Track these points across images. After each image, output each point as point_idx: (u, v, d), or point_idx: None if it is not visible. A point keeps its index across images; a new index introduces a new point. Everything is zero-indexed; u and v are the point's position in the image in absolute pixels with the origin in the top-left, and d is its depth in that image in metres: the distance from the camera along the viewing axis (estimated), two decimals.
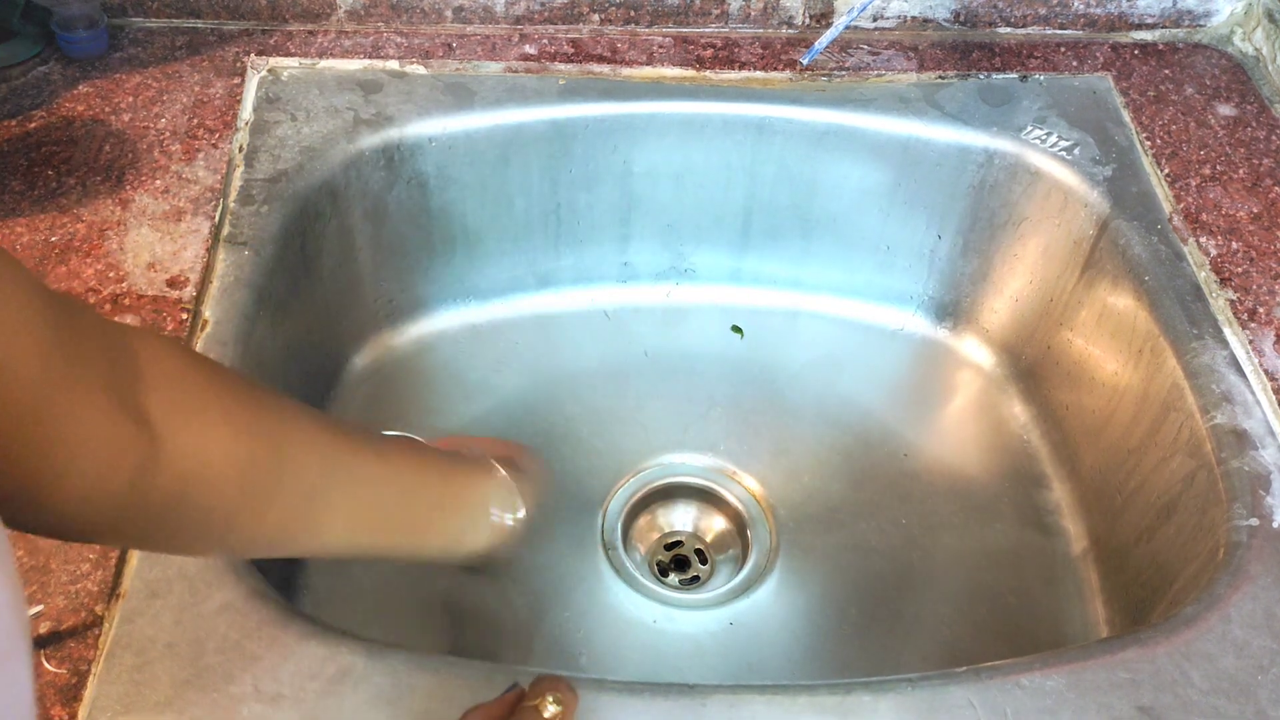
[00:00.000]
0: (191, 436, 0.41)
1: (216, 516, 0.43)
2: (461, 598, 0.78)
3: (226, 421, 0.42)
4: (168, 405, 0.40)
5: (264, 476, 0.44)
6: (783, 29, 0.94)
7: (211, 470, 0.42)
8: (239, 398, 0.44)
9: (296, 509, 0.48)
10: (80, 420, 0.36)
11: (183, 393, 0.41)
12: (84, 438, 0.36)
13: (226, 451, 0.42)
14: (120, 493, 0.38)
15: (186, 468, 0.40)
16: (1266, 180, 0.84)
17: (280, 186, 0.78)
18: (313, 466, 0.48)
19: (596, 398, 0.92)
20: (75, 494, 0.37)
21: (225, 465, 0.42)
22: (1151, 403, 0.75)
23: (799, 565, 0.83)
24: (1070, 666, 0.56)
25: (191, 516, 0.42)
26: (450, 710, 0.52)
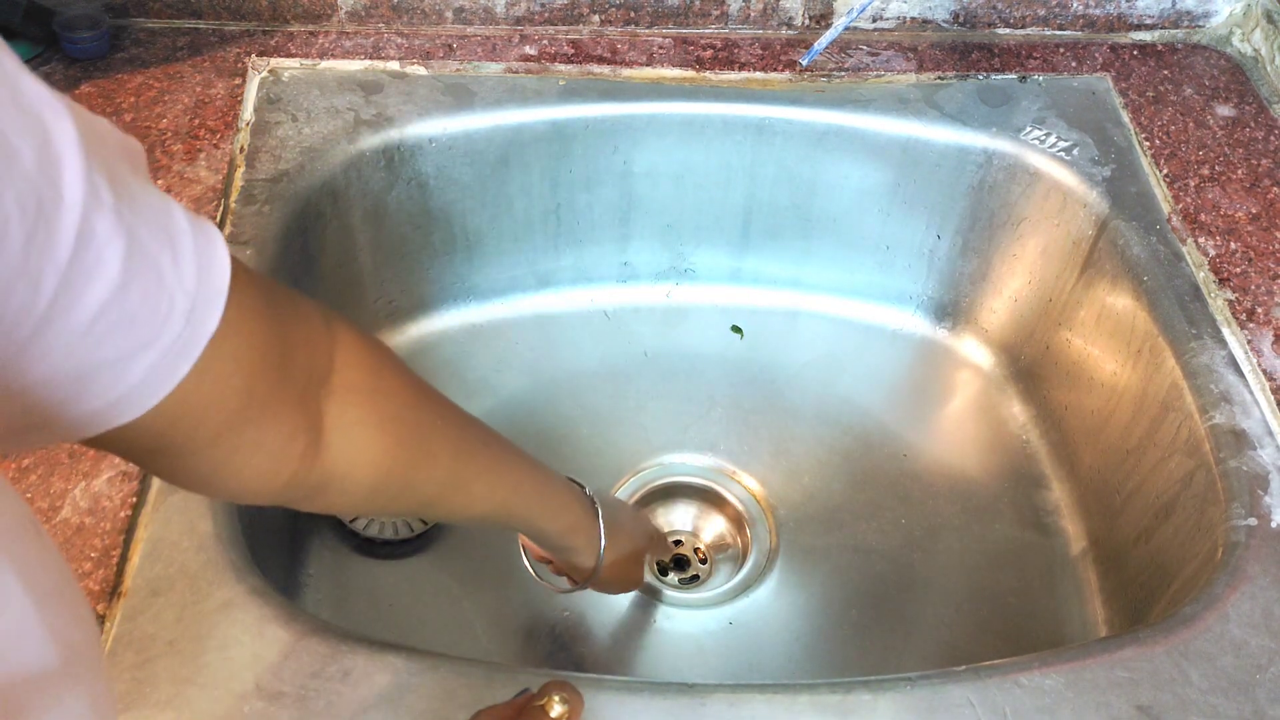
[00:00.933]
0: (349, 445, 0.43)
1: (350, 501, 0.47)
2: (462, 598, 0.79)
3: (383, 434, 0.45)
4: (339, 415, 0.43)
5: (402, 480, 0.48)
6: (782, 30, 0.95)
7: (355, 473, 0.45)
8: (405, 416, 0.47)
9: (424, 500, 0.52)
10: (266, 437, 0.39)
11: (356, 404, 0.44)
12: (265, 449, 0.39)
13: (374, 460, 0.45)
14: (277, 488, 0.42)
15: (335, 471, 0.43)
16: (1265, 181, 0.84)
17: (281, 187, 0.78)
18: (447, 470, 0.51)
19: (596, 397, 0.92)
20: (239, 491, 0.41)
21: (368, 471, 0.45)
22: (1150, 403, 0.75)
23: (798, 565, 0.83)
24: (1069, 666, 0.56)
25: (329, 503, 0.46)
26: (450, 709, 0.53)
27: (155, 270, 0.30)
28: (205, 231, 0.33)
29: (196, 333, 0.32)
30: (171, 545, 0.58)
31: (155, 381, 0.32)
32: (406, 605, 0.77)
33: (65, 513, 0.60)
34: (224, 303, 0.33)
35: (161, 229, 0.31)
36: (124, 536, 0.59)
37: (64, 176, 0.27)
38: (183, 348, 0.32)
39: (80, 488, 0.61)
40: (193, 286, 0.32)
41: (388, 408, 0.46)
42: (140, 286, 0.30)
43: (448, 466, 0.51)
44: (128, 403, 0.32)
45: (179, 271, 0.31)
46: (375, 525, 0.80)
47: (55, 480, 0.61)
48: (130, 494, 0.60)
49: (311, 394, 0.41)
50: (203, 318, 0.33)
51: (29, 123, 0.27)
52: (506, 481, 0.57)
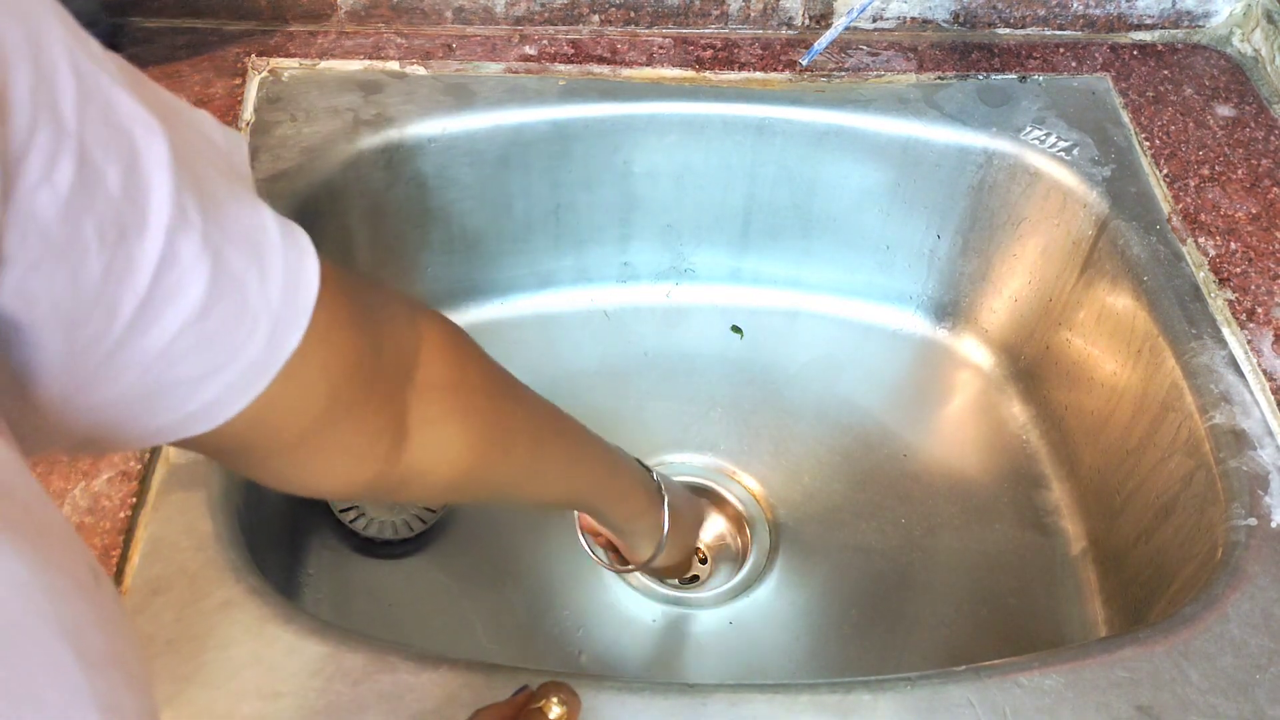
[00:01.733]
0: (432, 442, 0.43)
1: (430, 494, 0.48)
2: (462, 598, 0.78)
3: (466, 429, 0.45)
4: (423, 412, 0.42)
5: (482, 472, 0.48)
6: (782, 30, 0.95)
7: (438, 468, 0.45)
8: (486, 410, 0.47)
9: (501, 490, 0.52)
10: (351, 439, 0.39)
11: (441, 400, 0.43)
12: (350, 450, 0.39)
13: (456, 455, 0.45)
14: (362, 486, 0.42)
15: (419, 467, 0.43)
16: (1265, 181, 0.84)
17: (281, 186, 0.78)
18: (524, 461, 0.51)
19: (596, 398, 0.92)
20: (324, 489, 0.41)
21: (451, 466, 0.45)
22: (1150, 403, 0.75)
23: (798, 565, 0.83)
24: (1069, 665, 0.56)
25: (410, 495, 0.46)
26: (450, 709, 0.53)
27: (240, 293, 0.29)
28: (297, 244, 0.32)
29: (276, 352, 0.32)
30: (171, 545, 0.58)
31: (229, 399, 0.31)
32: (406, 605, 0.77)
33: (65, 512, 0.59)
34: (308, 321, 0.32)
35: (251, 247, 0.30)
36: (124, 536, 0.59)
37: (150, 201, 0.26)
38: (261, 367, 0.31)
39: (80, 488, 0.61)
40: (278, 306, 0.31)
41: (471, 401, 0.46)
42: (222, 310, 0.29)
43: (526, 457, 0.51)
44: (197, 419, 0.31)
45: (265, 292, 0.30)
46: (375, 525, 0.80)
47: (55, 480, 0.61)
48: (130, 494, 0.60)
49: (397, 393, 0.41)
50: (284, 338, 0.32)
51: (119, 142, 0.26)
52: (580, 469, 0.57)
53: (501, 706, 0.48)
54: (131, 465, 0.61)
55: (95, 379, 0.27)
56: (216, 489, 0.61)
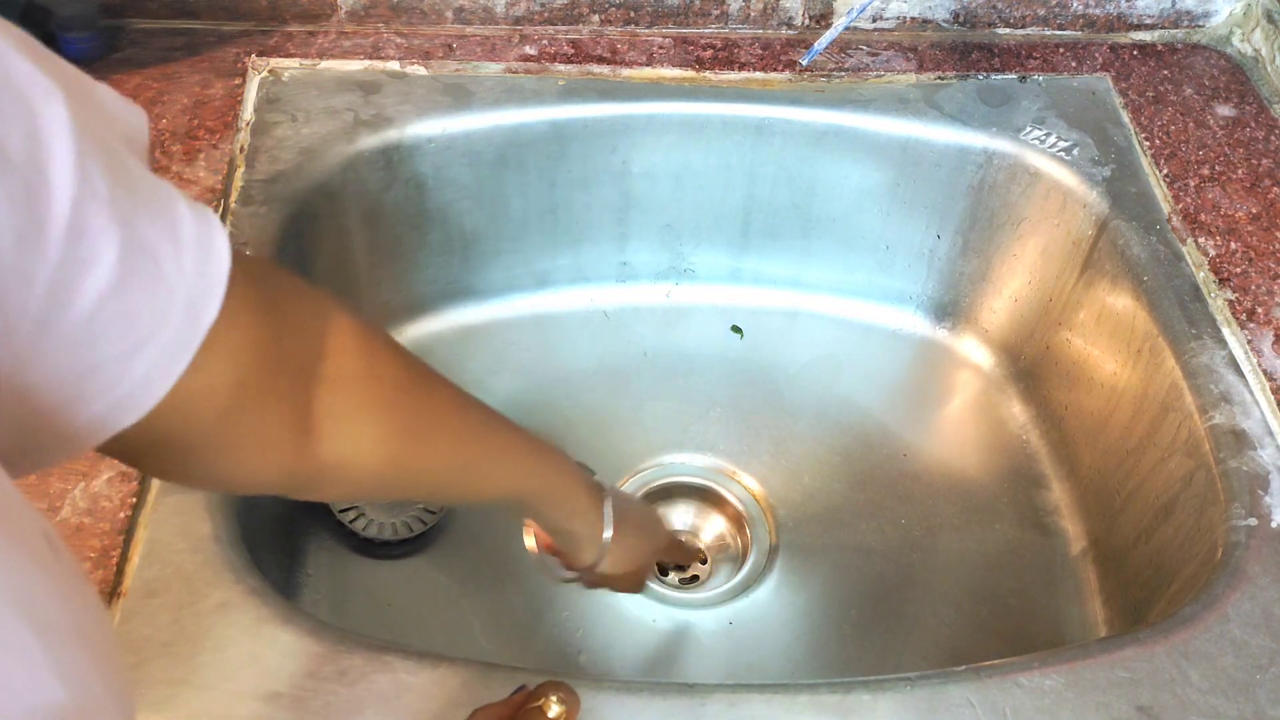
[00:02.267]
0: (343, 435, 0.42)
1: (350, 490, 0.46)
2: (461, 598, 0.78)
3: (379, 422, 0.44)
4: (333, 404, 0.41)
5: (401, 468, 0.47)
6: (782, 30, 0.95)
7: (351, 467, 0.44)
8: (400, 401, 0.46)
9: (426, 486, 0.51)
10: (259, 429, 0.38)
11: (351, 392, 0.42)
12: (258, 441, 0.38)
13: (371, 449, 0.44)
14: (275, 481, 0.41)
15: (330, 463, 0.42)
16: (1265, 181, 0.84)
17: (279, 187, 0.78)
18: (448, 457, 0.50)
19: (595, 398, 0.92)
20: (236, 484, 0.41)
21: (367, 460, 0.44)
22: (1150, 403, 0.75)
23: (798, 565, 0.83)
24: (1069, 666, 0.56)
25: (329, 491, 0.45)
26: (449, 709, 0.52)
27: (154, 261, 0.29)
28: (205, 218, 0.32)
29: (195, 325, 0.31)
30: (169, 546, 0.58)
31: (157, 378, 0.31)
32: (405, 605, 0.77)
33: (64, 513, 0.59)
34: (223, 293, 0.32)
35: (161, 216, 0.30)
36: (123, 537, 0.58)
37: (53, 166, 0.26)
38: (183, 341, 0.31)
39: (79, 488, 0.61)
40: (193, 278, 0.31)
41: (384, 393, 0.45)
42: (140, 280, 0.29)
43: (449, 453, 0.50)
44: (132, 401, 0.31)
45: (180, 262, 0.30)
46: (374, 525, 0.80)
47: (54, 480, 0.61)
48: (129, 494, 0.60)
49: (302, 383, 0.40)
50: (200, 310, 0.31)
51: (17, 108, 0.26)
52: (511, 466, 0.56)
53: (500, 706, 0.48)
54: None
55: (26, 355, 0.27)
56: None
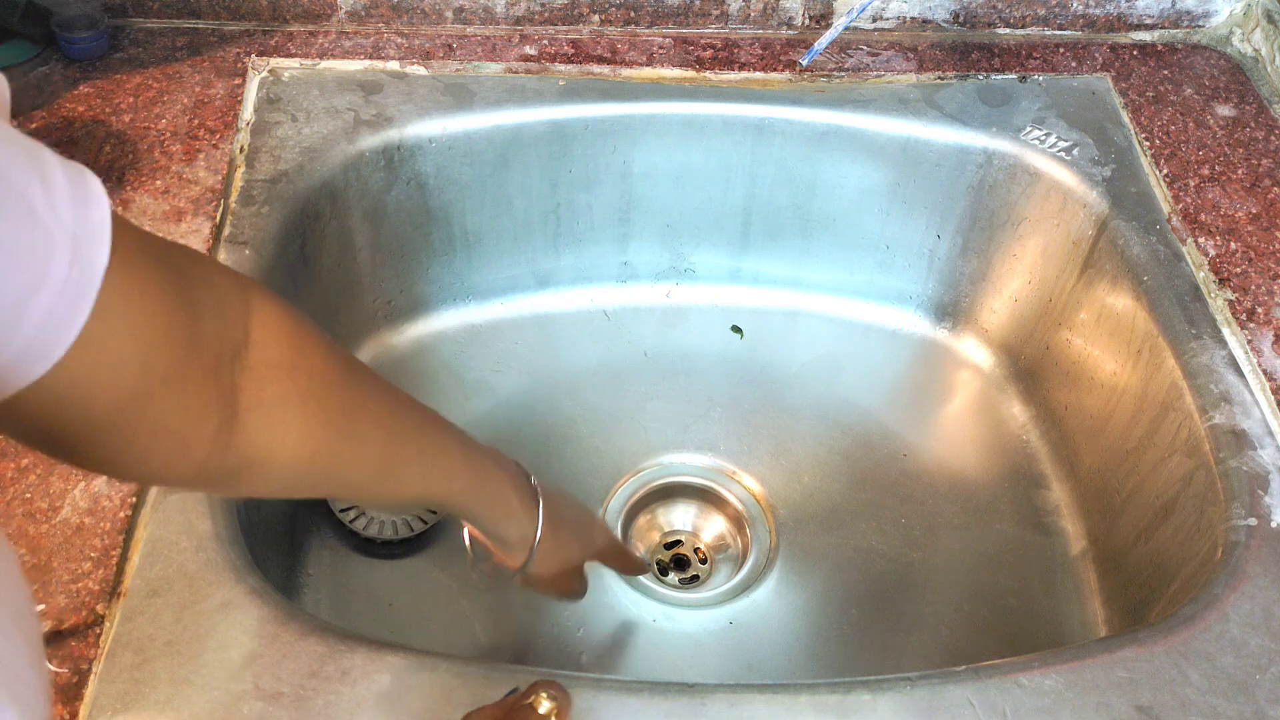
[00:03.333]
0: (268, 426, 0.41)
1: (271, 488, 0.45)
2: (462, 598, 0.78)
3: (304, 416, 0.43)
4: (256, 394, 0.40)
5: (325, 464, 0.45)
6: (782, 30, 0.95)
7: (276, 456, 0.42)
8: (326, 394, 0.44)
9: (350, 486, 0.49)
10: (170, 418, 0.37)
11: (274, 381, 0.41)
12: (170, 431, 0.37)
13: (296, 443, 0.43)
14: (189, 472, 0.39)
15: (253, 454, 0.41)
16: (1265, 181, 0.84)
17: (280, 187, 0.78)
18: (375, 455, 0.48)
19: (596, 398, 0.92)
20: (150, 472, 0.39)
21: (289, 455, 0.43)
22: (1150, 403, 0.75)
23: (798, 565, 0.83)
24: (1069, 666, 0.56)
25: (247, 488, 0.43)
26: (448, 709, 0.53)
27: (23, 201, 0.29)
28: (77, 170, 0.32)
29: (87, 272, 0.31)
30: (170, 545, 0.58)
31: (56, 325, 0.31)
32: (406, 605, 0.77)
33: (65, 513, 0.60)
34: (109, 238, 0.32)
35: (26, 161, 0.30)
36: (123, 537, 0.59)
37: None
38: (77, 288, 0.31)
39: (80, 488, 0.61)
40: (71, 222, 0.31)
41: (310, 385, 0.43)
42: (9, 219, 0.29)
43: (377, 450, 0.48)
44: (36, 350, 0.31)
45: (53, 205, 0.30)
46: (375, 525, 0.80)
47: (55, 480, 0.61)
48: (130, 494, 0.60)
49: (225, 369, 0.39)
50: (90, 256, 0.31)
51: None
52: (440, 466, 0.54)
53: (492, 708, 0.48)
54: None
55: None
56: None
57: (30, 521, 0.59)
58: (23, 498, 0.60)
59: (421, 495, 0.54)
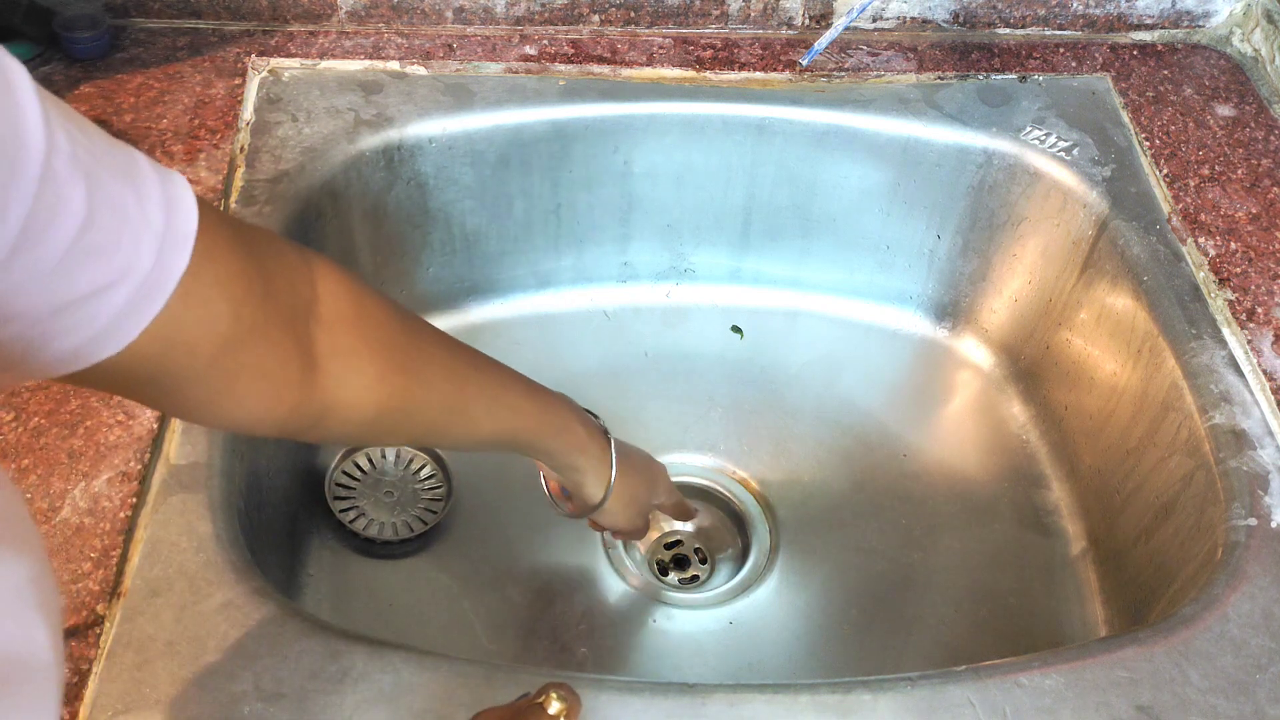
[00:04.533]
0: (344, 372, 0.46)
1: (352, 430, 0.50)
2: (462, 598, 0.79)
3: (375, 360, 0.47)
4: (331, 344, 0.45)
5: (400, 406, 0.50)
6: (782, 30, 0.95)
7: (354, 400, 0.47)
8: (395, 340, 0.49)
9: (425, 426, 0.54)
10: (261, 362, 0.41)
11: (345, 332, 0.46)
12: (263, 375, 0.41)
13: (370, 386, 0.47)
14: (282, 417, 0.44)
15: (335, 398, 0.46)
16: (1265, 181, 0.84)
17: (281, 187, 0.78)
18: (444, 395, 0.53)
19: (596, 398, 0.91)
20: (244, 420, 0.43)
21: (367, 398, 0.47)
22: (1150, 403, 0.75)
23: (798, 565, 0.83)
24: (1069, 665, 0.56)
25: (332, 431, 0.48)
26: (450, 709, 0.53)
27: (119, 209, 0.33)
28: (171, 179, 0.36)
29: (167, 270, 0.35)
30: (171, 545, 0.58)
31: (131, 316, 0.34)
32: (406, 605, 0.77)
33: (65, 513, 0.60)
34: (193, 242, 0.35)
35: (123, 173, 0.33)
36: (124, 537, 0.59)
37: (26, 122, 0.29)
38: (155, 283, 0.34)
39: (80, 488, 0.61)
40: (160, 227, 0.34)
41: (376, 334, 0.48)
42: (106, 223, 0.32)
43: (444, 390, 0.53)
44: (106, 338, 0.34)
45: (144, 212, 0.34)
46: (375, 525, 0.80)
47: (55, 480, 0.61)
48: (130, 494, 0.60)
49: (300, 322, 0.43)
50: (172, 255, 0.35)
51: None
52: (506, 401, 0.58)
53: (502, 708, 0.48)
54: (131, 466, 0.61)
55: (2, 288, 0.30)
56: (217, 490, 0.61)
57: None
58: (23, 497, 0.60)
59: (493, 433, 0.58)
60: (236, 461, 0.64)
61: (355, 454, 0.82)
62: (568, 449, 0.63)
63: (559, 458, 0.64)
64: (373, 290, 0.49)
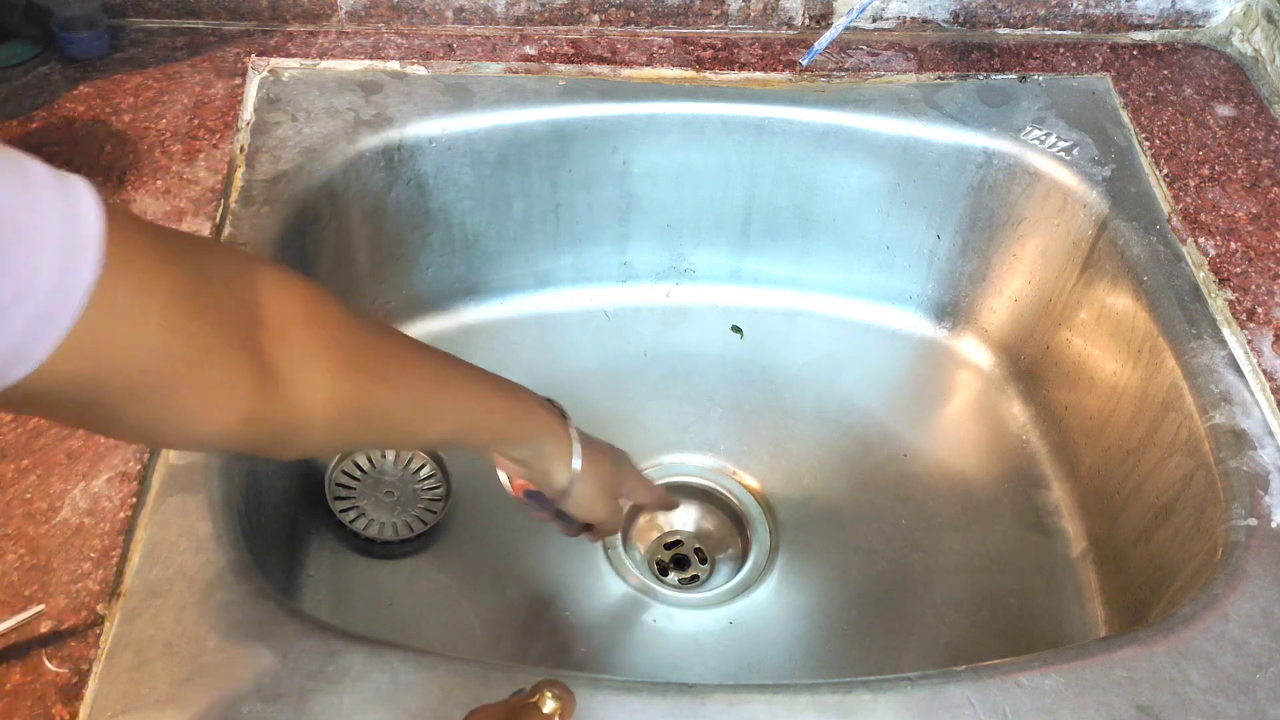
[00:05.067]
0: (299, 377, 0.44)
1: (317, 437, 0.47)
2: (461, 598, 0.78)
3: (330, 360, 0.46)
4: (281, 348, 0.43)
5: (361, 405, 0.48)
6: (782, 30, 0.95)
7: (313, 404, 0.45)
8: (346, 340, 0.47)
9: (390, 425, 0.52)
10: (205, 376, 0.39)
11: (297, 337, 0.44)
12: (209, 388, 0.40)
13: (326, 387, 0.46)
14: (236, 432, 0.42)
15: (293, 404, 0.44)
16: (1265, 180, 0.84)
17: (280, 187, 0.78)
18: (405, 390, 0.52)
19: (596, 398, 0.92)
20: (198, 437, 0.42)
21: (325, 399, 0.46)
22: (1150, 403, 0.75)
23: (798, 565, 0.83)
24: (1069, 665, 0.56)
25: (296, 440, 0.46)
26: (448, 708, 0.53)
27: (9, 220, 0.31)
28: (70, 184, 0.34)
29: (72, 282, 0.33)
30: (170, 546, 0.58)
31: (38, 334, 0.32)
32: (406, 605, 0.77)
33: (64, 513, 0.60)
34: (99, 250, 0.33)
35: (10, 176, 0.32)
36: (123, 537, 0.59)
37: None
38: (60, 297, 0.32)
39: (79, 488, 0.61)
40: (59, 236, 0.32)
41: (328, 334, 0.46)
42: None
43: (406, 389, 0.52)
44: (14, 360, 0.32)
45: (38, 221, 0.32)
46: (375, 525, 0.80)
47: (54, 481, 0.61)
48: (130, 495, 0.60)
49: (244, 328, 0.41)
50: (77, 266, 0.33)
51: None
52: (469, 391, 0.57)
53: (496, 707, 0.48)
54: (131, 466, 0.61)
55: None
56: (216, 491, 0.61)
57: (30, 522, 0.59)
58: (23, 498, 0.60)
59: (459, 425, 0.57)
60: (236, 462, 0.64)
61: (354, 454, 0.82)
62: (532, 433, 0.62)
63: (524, 444, 0.62)
64: (322, 290, 0.47)
